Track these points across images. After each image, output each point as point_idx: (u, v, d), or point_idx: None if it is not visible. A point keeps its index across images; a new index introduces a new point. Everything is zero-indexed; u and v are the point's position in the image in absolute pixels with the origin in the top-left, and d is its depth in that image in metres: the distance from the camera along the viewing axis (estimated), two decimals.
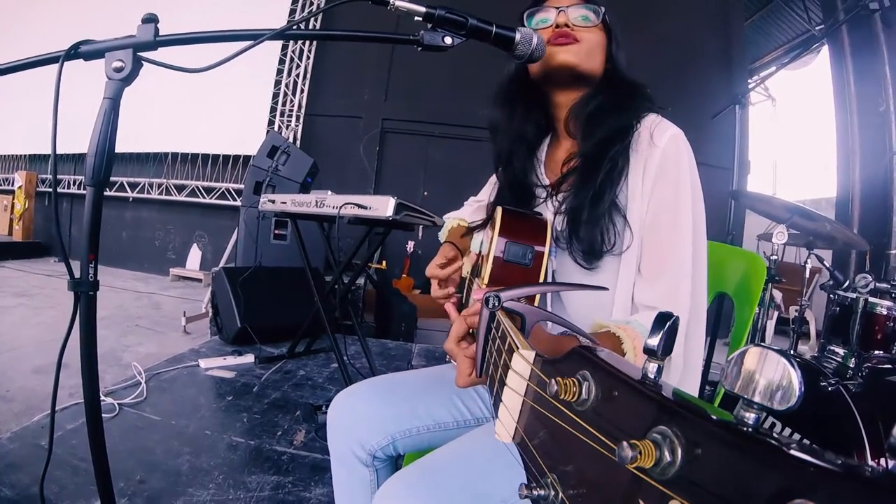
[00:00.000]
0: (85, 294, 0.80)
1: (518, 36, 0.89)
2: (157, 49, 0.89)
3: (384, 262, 5.46)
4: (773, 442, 0.20)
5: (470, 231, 1.15)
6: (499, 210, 0.92)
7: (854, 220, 4.08)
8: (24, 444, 1.78)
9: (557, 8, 0.97)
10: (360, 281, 3.98)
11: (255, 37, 0.93)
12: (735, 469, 0.21)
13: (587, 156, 0.93)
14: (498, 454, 0.81)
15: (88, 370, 0.83)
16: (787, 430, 1.48)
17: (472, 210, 1.27)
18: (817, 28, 4.91)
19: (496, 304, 0.58)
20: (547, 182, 1.03)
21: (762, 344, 0.24)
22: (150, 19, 0.88)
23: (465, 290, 1.13)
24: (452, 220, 1.27)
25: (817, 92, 6.16)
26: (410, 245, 5.63)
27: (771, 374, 0.23)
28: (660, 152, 0.88)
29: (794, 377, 0.23)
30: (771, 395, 0.23)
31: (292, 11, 5.75)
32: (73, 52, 0.83)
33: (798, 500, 0.18)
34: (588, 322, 0.87)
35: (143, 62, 0.89)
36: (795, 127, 9.18)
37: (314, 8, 5.76)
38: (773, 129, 9.25)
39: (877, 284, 1.62)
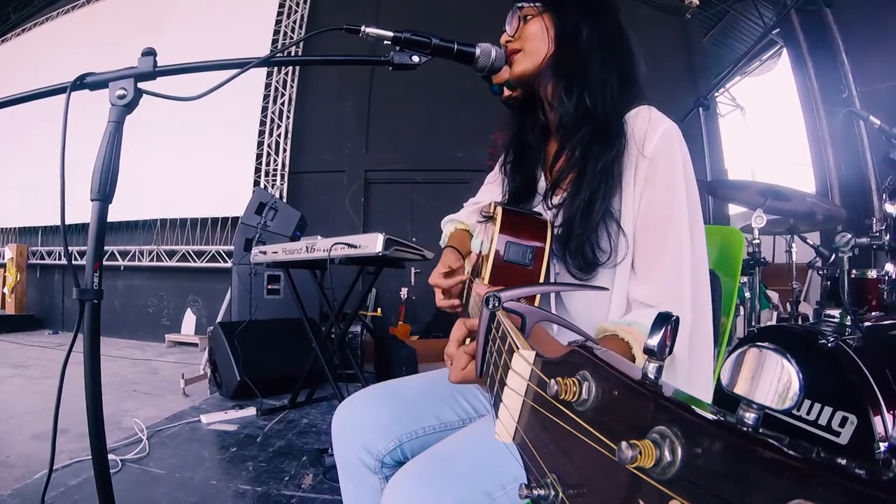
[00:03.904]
0: (90, 302, 0.83)
1: (478, 51, 0.97)
2: (156, 78, 0.97)
3: (379, 310, 5.44)
4: (772, 442, 0.20)
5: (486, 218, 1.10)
6: (499, 210, 0.91)
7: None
8: (26, 500, 1.74)
9: (504, 29, 1.00)
10: (357, 329, 3.97)
11: (242, 65, 1.01)
12: (735, 469, 0.21)
13: (577, 166, 0.91)
14: None
15: (91, 380, 0.84)
16: None
17: (468, 212, 1.27)
18: (774, 32, 5.18)
19: (496, 305, 0.58)
20: (543, 180, 1.04)
21: (761, 343, 0.25)
22: (149, 52, 0.96)
23: (465, 292, 1.14)
24: (452, 223, 1.27)
25: (783, 94, 6.34)
26: (404, 292, 5.63)
27: (770, 373, 0.23)
28: (652, 149, 0.86)
29: (794, 376, 0.23)
30: (771, 394, 0.23)
31: (274, 41, 5.99)
32: (80, 83, 0.89)
33: (797, 501, 0.18)
34: (589, 325, 0.87)
35: (142, 93, 0.97)
36: (768, 132, 9.42)
37: (296, 32, 6.02)
38: (746, 138, 9.52)
39: (857, 241, 1.66)
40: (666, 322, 0.32)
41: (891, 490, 0.17)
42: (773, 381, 0.23)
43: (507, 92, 1.05)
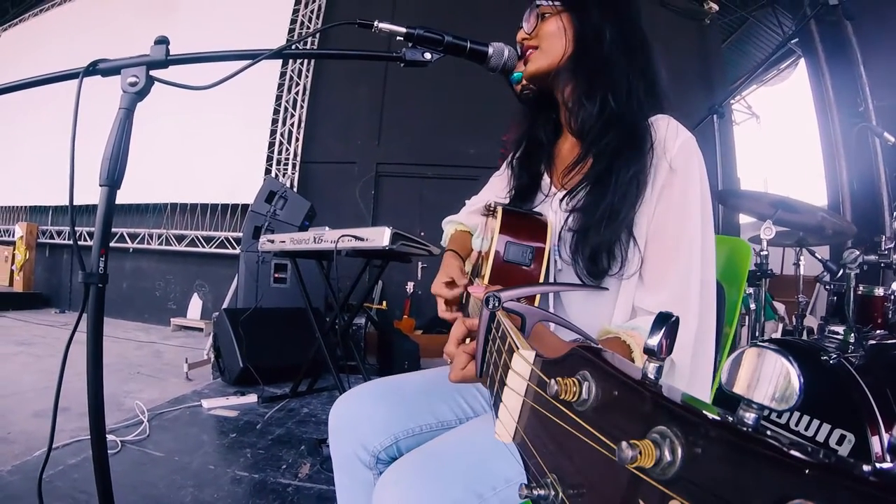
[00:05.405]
0: (95, 286, 0.84)
1: (491, 50, 0.96)
2: (168, 67, 0.97)
3: (385, 303, 5.46)
4: (772, 442, 0.20)
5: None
6: (499, 210, 0.91)
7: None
8: (25, 477, 1.76)
9: (520, 26, 1.00)
10: (362, 321, 3.99)
11: (254, 56, 1.01)
12: (735, 469, 0.21)
13: (603, 171, 0.88)
14: None
15: (94, 365, 0.85)
16: (797, 413, 1.46)
17: (468, 213, 1.26)
18: (792, 42, 5.09)
19: (496, 305, 0.58)
20: (549, 180, 1.03)
21: (761, 343, 0.24)
22: (162, 41, 0.96)
23: (464, 292, 1.13)
24: (452, 224, 1.27)
25: (799, 104, 6.25)
26: (410, 286, 5.64)
27: (770, 373, 0.23)
28: (670, 159, 0.85)
29: (794, 376, 0.23)
30: (771, 394, 0.23)
31: (291, 31, 5.98)
32: (92, 69, 0.90)
33: (797, 501, 0.18)
34: (589, 326, 0.85)
35: (154, 81, 0.97)
36: (782, 142, 9.30)
37: (311, 26, 6.01)
38: (760, 147, 9.40)
39: (865, 258, 1.64)
40: (665, 322, 0.32)
41: (891, 490, 0.17)
42: (773, 380, 0.23)
43: (524, 80, 1.04)
